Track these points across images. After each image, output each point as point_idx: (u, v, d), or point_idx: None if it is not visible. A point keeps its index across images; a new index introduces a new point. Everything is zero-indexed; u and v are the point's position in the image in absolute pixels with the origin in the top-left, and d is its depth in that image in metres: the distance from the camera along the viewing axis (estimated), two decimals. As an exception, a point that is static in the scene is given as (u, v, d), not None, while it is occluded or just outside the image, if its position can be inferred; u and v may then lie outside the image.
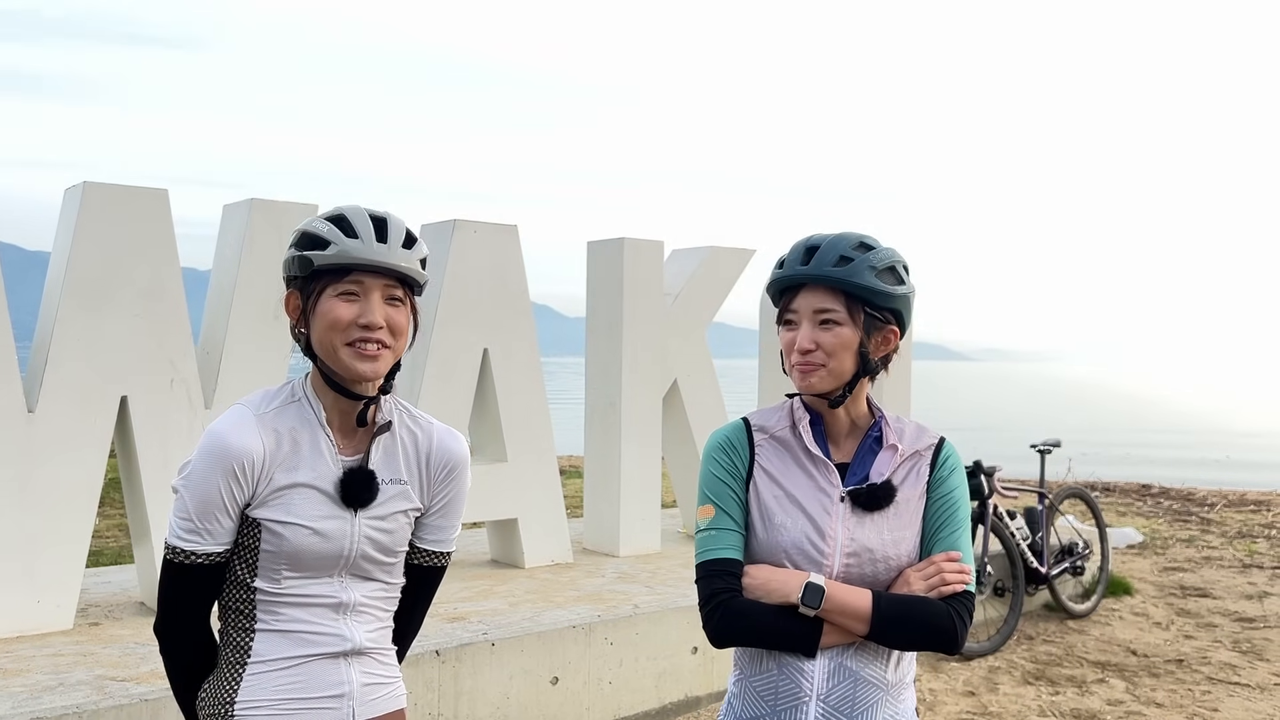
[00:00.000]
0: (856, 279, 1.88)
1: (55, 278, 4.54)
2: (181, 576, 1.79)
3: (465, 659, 4.25)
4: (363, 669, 1.89)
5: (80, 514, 4.45)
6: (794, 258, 1.94)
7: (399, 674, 1.99)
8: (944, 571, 1.90)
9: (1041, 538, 6.64)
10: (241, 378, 4.82)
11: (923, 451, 1.98)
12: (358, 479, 1.84)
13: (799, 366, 1.92)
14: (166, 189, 4.69)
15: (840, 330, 1.90)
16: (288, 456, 1.81)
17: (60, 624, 4.39)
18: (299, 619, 1.82)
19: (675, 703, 4.91)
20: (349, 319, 1.78)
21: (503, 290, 5.79)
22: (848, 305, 1.90)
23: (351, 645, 1.86)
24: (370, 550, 1.86)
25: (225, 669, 1.84)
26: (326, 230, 1.79)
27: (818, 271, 1.89)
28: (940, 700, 5.20)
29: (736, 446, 1.98)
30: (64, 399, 4.41)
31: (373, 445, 1.88)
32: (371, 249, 1.78)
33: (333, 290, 1.79)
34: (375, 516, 1.86)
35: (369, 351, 1.79)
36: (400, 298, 1.83)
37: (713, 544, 1.93)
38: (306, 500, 1.80)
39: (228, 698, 1.81)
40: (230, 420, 1.80)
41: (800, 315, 1.92)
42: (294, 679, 1.82)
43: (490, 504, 5.71)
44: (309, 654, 1.83)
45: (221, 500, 1.76)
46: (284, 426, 1.82)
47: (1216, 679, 5.62)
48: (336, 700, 1.85)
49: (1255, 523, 10.76)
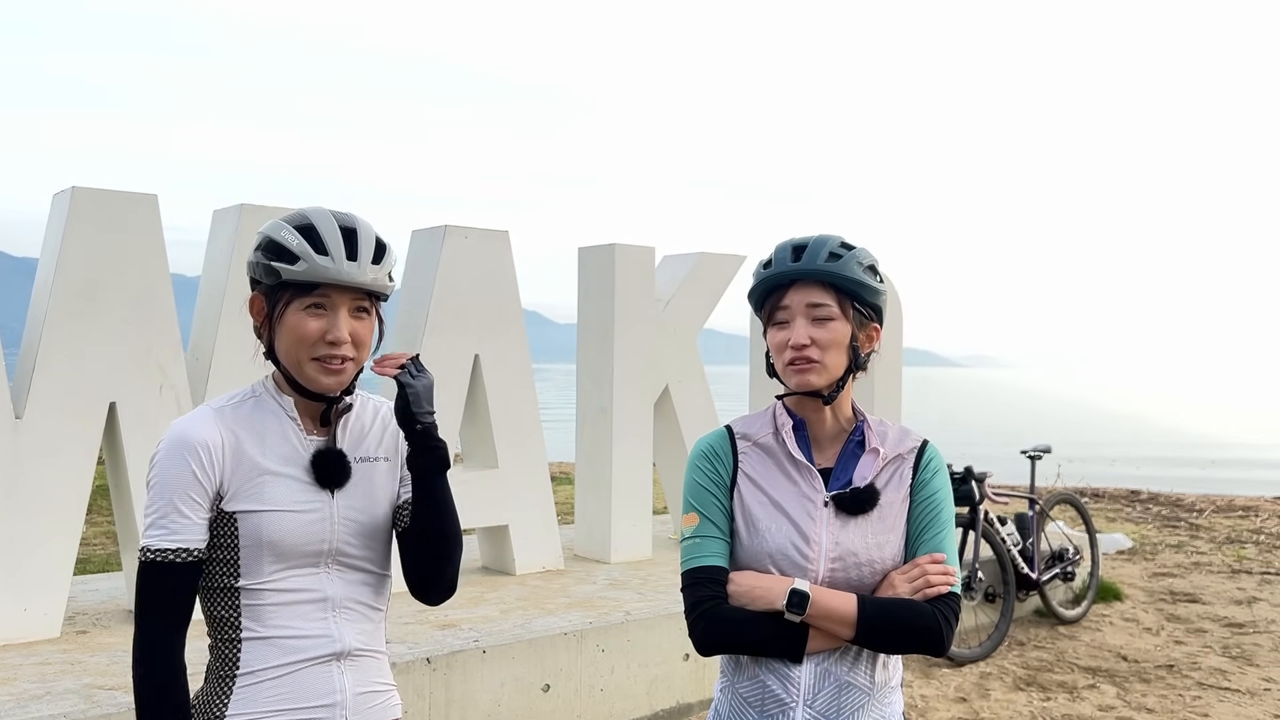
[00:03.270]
0: (848, 273, 1.90)
1: (43, 283, 4.51)
2: (156, 578, 1.74)
3: (456, 666, 4.23)
4: (356, 676, 1.86)
5: (68, 521, 4.42)
6: (782, 256, 1.94)
7: (393, 683, 1.96)
8: (929, 574, 1.90)
9: (1032, 543, 6.64)
10: (231, 384, 4.79)
11: (905, 455, 1.98)
12: (328, 458, 1.83)
13: (794, 363, 1.91)
14: (156, 194, 4.66)
15: (833, 325, 1.90)
16: (252, 447, 1.80)
17: (47, 632, 4.36)
18: (285, 624, 1.79)
19: (667, 710, 4.90)
20: (315, 334, 1.78)
21: (494, 296, 5.78)
22: (839, 300, 1.91)
23: (341, 647, 1.83)
24: (352, 534, 1.84)
25: (214, 682, 1.81)
26: (296, 244, 1.76)
27: (810, 267, 1.90)
28: (932, 706, 5.20)
29: (720, 454, 1.99)
30: (52, 405, 4.38)
31: (338, 426, 1.88)
32: (341, 269, 1.77)
33: (299, 304, 1.78)
34: (353, 497, 1.85)
35: (333, 366, 1.79)
36: (366, 308, 1.84)
37: (698, 552, 1.93)
38: (279, 486, 1.79)
39: (217, 712, 1.77)
40: (190, 415, 1.82)
41: (793, 312, 1.92)
42: (284, 689, 1.79)
43: (481, 511, 5.69)
44: (298, 661, 1.80)
45: (186, 490, 1.74)
46: (245, 420, 1.82)
47: (1206, 684, 5.63)
48: (328, 710, 1.82)
49: (1244, 528, 10.80)
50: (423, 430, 1.87)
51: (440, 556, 1.89)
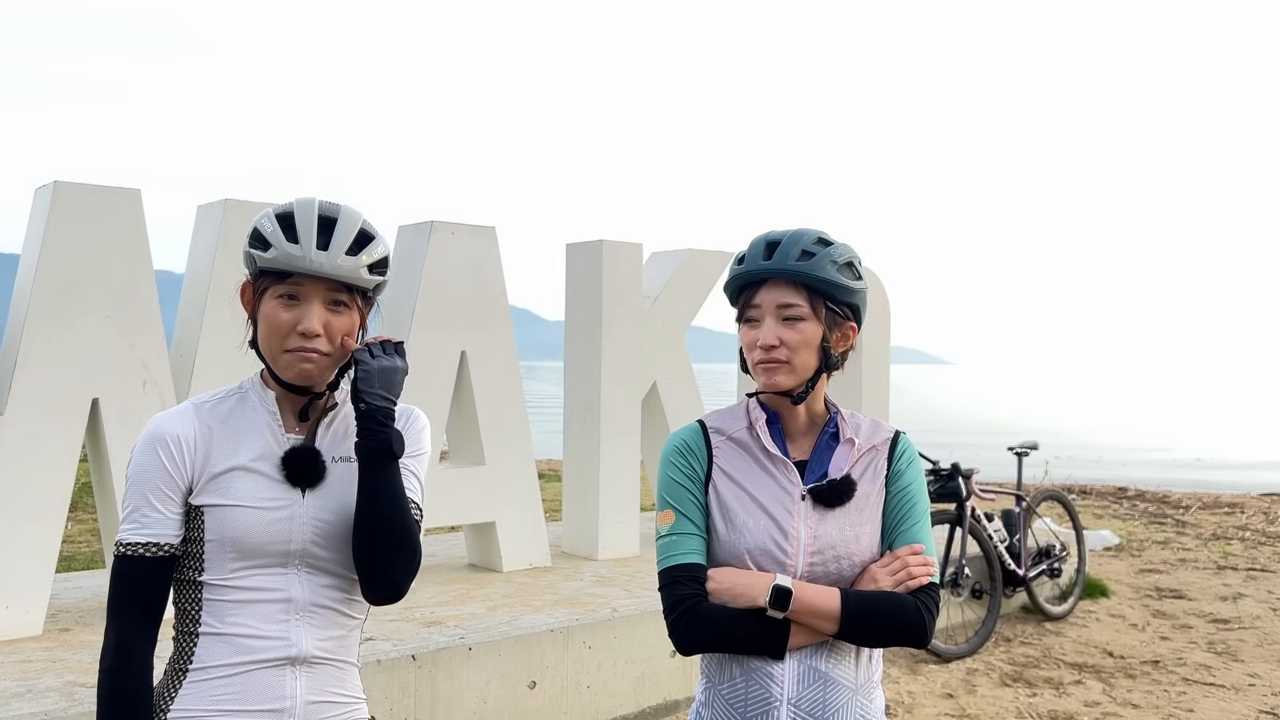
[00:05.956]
0: (819, 273, 1.87)
1: (25, 279, 4.48)
2: (128, 572, 1.72)
3: (442, 664, 4.21)
4: (311, 683, 1.79)
5: (50, 518, 4.39)
6: (755, 253, 1.91)
7: (361, 696, 1.88)
8: (909, 565, 1.89)
9: (1019, 540, 6.66)
10: (215, 380, 4.77)
11: (879, 445, 1.98)
12: (301, 456, 1.79)
13: (762, 364, 1.90)
14: (139, 189, 4.63)
15: (803, 325, 1.88)
16: (225, 442, 1.78)
17: (29, 630, 4.32)
18: (243, 623, 1.75)
19: (654, 706, 4.89)
20: (287, 325, 1.75)
21: (481, 292, 5.76)
22: (810, 300, 1.89)
23: (296, 651, 1.77)
24: (321, 535, 1.78)
25: (169, 674, 1.79)
26: (270, 230, 1.75)
27: (781, 266, 1.87)
28: (919, 702, 5.20)
29: (694, 449, 1.97)
30: (34, 402, 4.35)
31: (319, 425, 1.84)
32: (309, 257, 1.73)
33: (274, 292, 1.76)
34: (325, 498, 1.80)
35: (305, 358, 1.76)
36: (345, 301, 1.79)
37: (675, 549, 1.91)
38: (247, 482, 1.76)
39: (164, 704, 1.75)
40: (168, 410, 1.82)
41: (763, 311, 1.90)
42: (233, 689, 1.74)
43: (468, 507, 5.68)
44: (250, 661, 1.75)
45: (157, 483, 1.73)
46: (223, 415, 1.81)
47: (1192, 680, 5.65)
48: (275, 715, 1.76)
49: (1229, 525, 10.85)
50: (366, 411, 1.77)
51: (374, 549, 1.76)
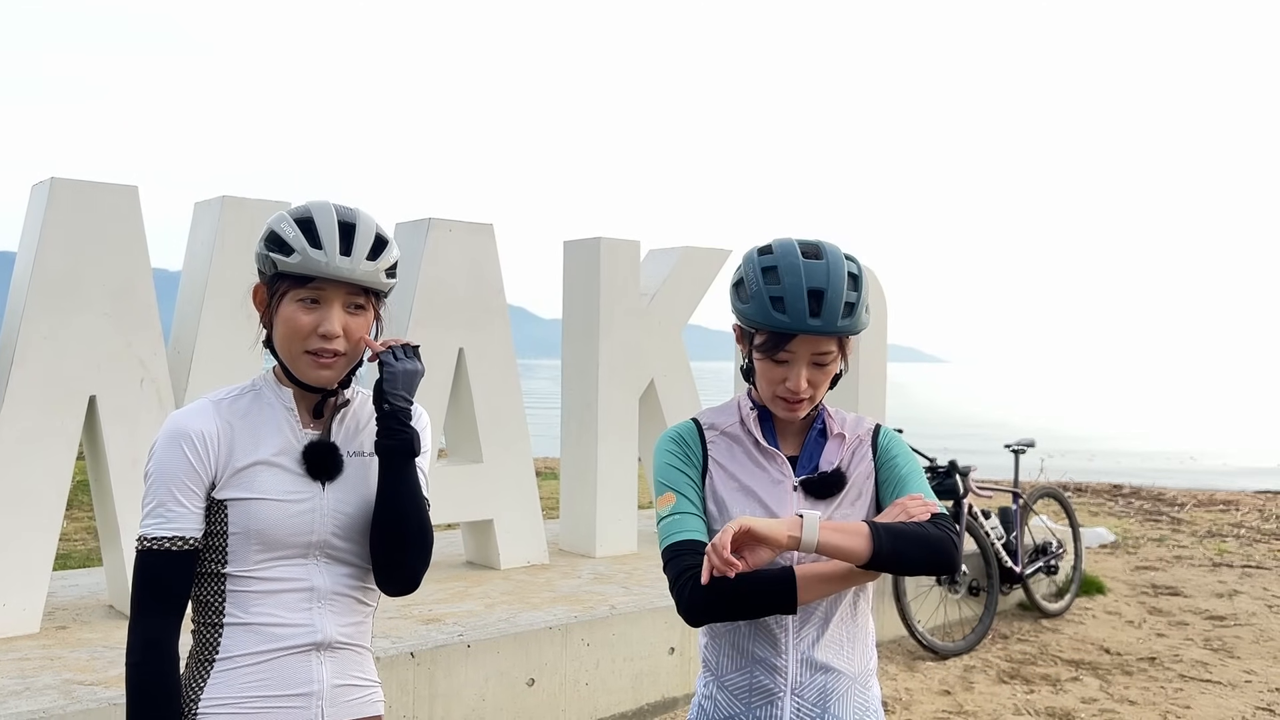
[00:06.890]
0: (859, 327, 1.92)
1: (21, 276, 4.46)
2: (153, 566, 1.76)
3: (440, 661, 4.21)
4: (335, 667, 1.86)
5: (47, 516, 4.38)
6: (798, 305, 1.85)
7: (377, 680, 1.96)
8: (908, 507, 1.89)
9: (1016, 537, 6.67)
10: (213, 377, 4.76)
11: (863, 436, 2.03)
12: (320, 450, 1.85)
13: (788, 402, 1.93)
14: (136, 185, 4.62)
15: (830, 367, 1.94)
16: (247, 438, 1.82)
17: (27, 627, 4.32)
18: (268, 612, 1.80)
19: (652, 704, 4.89)
20: (308, 328, 1.80)
21: (479, 289, 5.75)
22: (840, 344, 1.94)
23: (321, 637, 1.84)
24: (340, 526, 1.85)
25: (194, 665, 1.83)
26: (292, 236, 1.79)
27: (831, 328, 1.87)
28: (916, 699, 5.21)
29: (689, 441, 2.01)
30: (31, 399, 4.33)
31: (334, 420, 1.90)
32: (334, 264, 1.79)
33: (294, 295, 1.81)
34: (344, 490, 1.86)
35: (324, 360, 1.81)
36: (363, 304, 1.85)
37: (678, 527, 1.92)
38: (270, 476, 1.81)
39: (193, 694, 1.80)
40: (187, 407, 1.85)
41: (796, 358, 1.90)
42: (261, 675, 1.80)
43: (466, 505, 5.67)
44: (277, 649, 1.81)
45: (182, 479, 1.77)
46: (242, 412, 1.85)
47: (1188, 676, 5.67)
48: (304, 699, 1.82)
49: (1224, 522, 10.88)
50: (389, 411, 1.85)
51: (394, 543, 1.84)
